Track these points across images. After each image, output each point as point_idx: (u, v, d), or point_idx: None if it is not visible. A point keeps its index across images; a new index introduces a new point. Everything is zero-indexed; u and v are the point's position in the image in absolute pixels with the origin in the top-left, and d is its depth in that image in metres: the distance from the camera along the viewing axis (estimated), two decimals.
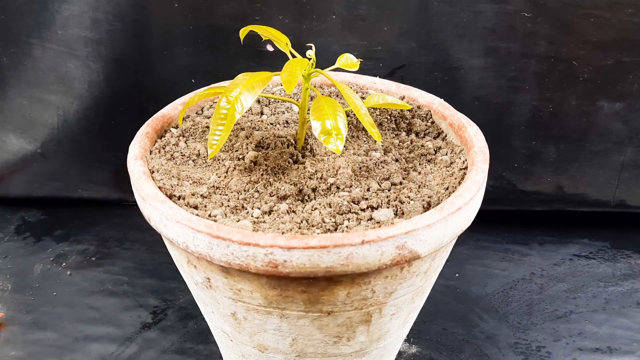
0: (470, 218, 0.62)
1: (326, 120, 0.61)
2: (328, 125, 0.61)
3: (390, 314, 0.64)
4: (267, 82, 0.61)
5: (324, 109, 0.62)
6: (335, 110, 0.62)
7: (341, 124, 0.62)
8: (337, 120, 0.62)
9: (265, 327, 0.63)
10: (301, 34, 0.93)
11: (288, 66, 0.62)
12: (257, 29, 0.68)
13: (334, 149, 0.60)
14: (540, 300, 0.91)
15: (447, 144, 0.71)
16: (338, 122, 0.62)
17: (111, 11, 0.92)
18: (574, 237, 1.02)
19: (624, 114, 0.95)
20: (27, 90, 0.99)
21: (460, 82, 0.94)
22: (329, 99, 0.64)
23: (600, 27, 0.89)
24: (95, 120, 1.00)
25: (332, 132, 0.61)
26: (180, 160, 0.68)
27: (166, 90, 0.97)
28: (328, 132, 0.61)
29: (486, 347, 0.84)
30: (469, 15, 0.90)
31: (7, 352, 0.82)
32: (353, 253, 0.56)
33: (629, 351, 0.84)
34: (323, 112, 0.62)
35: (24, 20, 0.94)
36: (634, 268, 0.97)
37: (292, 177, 0.66)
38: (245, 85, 0.60)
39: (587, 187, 1.00)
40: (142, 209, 0.63)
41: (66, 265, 0.96)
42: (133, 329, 0.86)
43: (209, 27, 0.93)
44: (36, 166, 1.04)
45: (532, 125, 0.96)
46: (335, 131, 0.61)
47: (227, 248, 0.56)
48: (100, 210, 1.06)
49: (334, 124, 0.61)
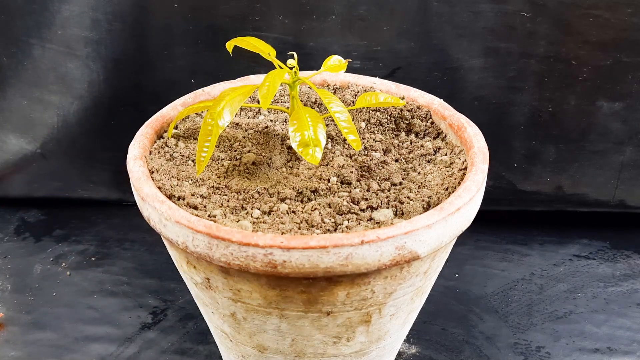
0: (470, 218, 0.62)
1: (304, 131, 0.62)
2: (306, 136, 0.62)
3: (390, 314, 0.64)
4: (247, 96, 0.64)
5: (303, 120, 0.63)
6: (315, 120, 0.63)
7: (320, 135, 0.62)
8: (316, 131, 0.62)
9: (264, 328, 0.63)
10: (301, 34, 0.93)
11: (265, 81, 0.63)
12: (239, 43, 0.68)
13: (311, 160, 0.61)
14: (540, 301, 0.91)
15: (447, 144, 0.71)
16: (317, 132, 0.62)
17: (111, 11, 0.92)
18: (574, 237, 1.02)
19: (623, 114, 0.95)
20: (27, 90, 0.99)
21: (460, 82, 0.94)
22: (308, 109, 0.64)
23: (599, 27, 0.89)
24: (95, 120, 1.00)
25: (310, 144, 0.61)
26: (179, 160, 0.68)
27: (166, 90, 0.97)
28: (306, 143, 0.62)
29: (486, 348, 0.84)
30: (469, 15, 0.90)
31: (7, 353, 0.82)
32: (352, 253, 0.56)
33: (629, 351, 0.84)
34: (302, 124, 0.62)
35: (24, 20, 0.94)
36: (634, 268, 0.97)
37: (290, 178, 0.66)
38: (227, 100, 0.63)
39: (587, 187, 1.00)
40: (141, 209, 0.63)
41: (66, 266, 0.96)
42: (133, 329, 0.86)
43: (209, 27, 0.93)
44: (36, 166, 1.04)
45: (532, 125, 0.96)
46: (313, 142, 0.61)
47: (226, 248, 0.56)
48: (100, 210, 1.06)
49: (311, 135, 0.62)
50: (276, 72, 0.64)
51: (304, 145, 0.61)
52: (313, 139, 0.62)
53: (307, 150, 0.61)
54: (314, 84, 0.80)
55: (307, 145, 0.61)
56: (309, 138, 0.62)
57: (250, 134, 0.72)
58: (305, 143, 0.61)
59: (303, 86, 0.79)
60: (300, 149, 0.61)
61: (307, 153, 0.61)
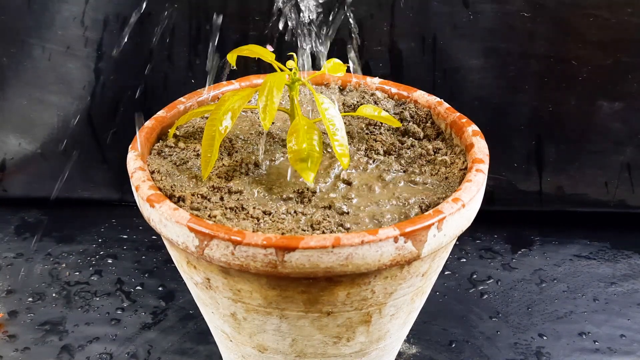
0: (470, 218, 0.62)
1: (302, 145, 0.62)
2: (303, 153, 0.62)
3: (390, 314, 0.64)
4: (248, 99, 0.65)
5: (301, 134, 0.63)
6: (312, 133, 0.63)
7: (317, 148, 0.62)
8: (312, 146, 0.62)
9: (265, 328, 0.63)
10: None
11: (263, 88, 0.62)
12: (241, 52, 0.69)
13: (306, 179, 0.61)
14: (540, 301, 0.91)
15: (447, 144, 0.71)
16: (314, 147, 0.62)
17: (111, 11, 0.92)
18: (574, 237, 1.02)
19: (623, 114, 0.95)
20: (27, 90, 0.99)
21: (460, 82, 0.94)
22: (307, 120, 0.64)
23: (600, 27, 0.89)
24: (95, 121, 1.00)
25: (307, 160, 0.62)
26: (179, 160, 0.68)
27: (166, 90, 0.97)
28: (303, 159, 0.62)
29: (486, 348, 0.84)
30: (469, 15, 0.90)
31: (7, 352, 0.82)
32: (352, 253, 0.56)
33: (629, 351, 0.84)
34: (299, 140, 0.62)
35: (24, 20, 0.94)
36: (634, 268, 0.97)
37: (291, 177, 0.66)
38: (229, 105, 0.64)
39: (587, 187, 1.00)
40: (141, 209, 0.63)
41: (66, 266, 0.96)
42: (133, 329, 0.86)
43: (209, 27, 0.93)
44: (36, 166, 1.04)
45: (532, 125, 0.96)
46: (311, 160, 0.62)
47: (226, 248, 0.56)
48: (100, 210, 1.06)
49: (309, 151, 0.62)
50: (275, 79, 0.63)
51: (300, 162, 0.62)
52: (310, 156, 0.62)
53: (304, 166, 0.61)
54: (314, 83, 0.80)
55: (304, 162, 0.62)
56: (305, 154, 0.62)
57: (251, 134, 0.72)
58: (302, 159, 0.62)
59: (303, 86, 0.79)
60: (296, 165, 0.62)
61: (302, 169, 0.61)
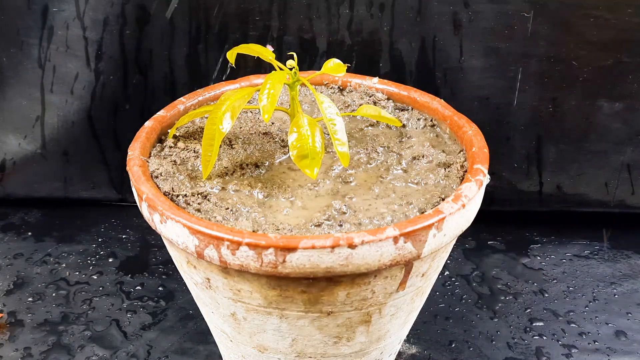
0: (469, 218, 0.62)
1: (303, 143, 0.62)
2: (305, 149, 0.62)
3: (390, 314, 0.64)
4: (248, 99, 0.65)
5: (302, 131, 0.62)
6: (314, 129, 0.62)
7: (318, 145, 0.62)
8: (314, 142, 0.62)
9: (264, 328, 0.63)
10: (302, 33, 0.93)
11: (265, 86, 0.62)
12: (241, 50, 0.68)
13: (310, 175, 0.61)
14: (540, 301, 0.91)
15: (447, 144, 0.71)
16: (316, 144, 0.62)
17: (111, 11, 0.92)
18: (574, 237, 1.02)
19: (624, 114, 0.95)
20: (27, 90, 0.99)
21: (460, 82, 0.94)
22: (308, 117, 0.64)
23: (600, 27, 0.89)
24: (95, 121, 1.00)
25: (309, 156, 0.62)
26: (179, 160, 0.68)
27: (166, 90, 0.97)
28: (304, 156, 0.62)
29: (486, 348, 0.84)
30: (469, 16, 0.90)
31: (7, 352, 0.82)
32: (353, 253, 0.56)
33: (629, 351, 0.84)
34: (301, 136, 0.62)
35: (24, 20, 0.94)
36: (634, 268, 0.97)
37: (291, 177, 0.66)
38: (228, 105, 0.63)
39: (587, 187, 1.00)
40: (141, 209, 0.63)
41: (66, 266, 0.96)
42: (133, 329, 0.86)
43: (209, 27, 0.93)
44: (36, 166, 1.04)
45: (532, 125, 0.96)
46: (312, 155, 0.61)
47: (226, 249, 0.56)
48: (100, 210, 1.06)
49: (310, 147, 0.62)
50: (276, 77, 0.63)
51: (302, 158, 0.62)
52: (312, 151, 0.62)
53: (306, 162, 0.61)
54: (314, 84, 0.80)
55: (306, 158, 0.62)
56: (308, 151, 0.62)
57: (251, 135, 0.72)
58: (304, 156, 0.62)
59: (304, 86, 0.79)
60: (299, 162, 0.61)
61: (305, 165, 0.61)
